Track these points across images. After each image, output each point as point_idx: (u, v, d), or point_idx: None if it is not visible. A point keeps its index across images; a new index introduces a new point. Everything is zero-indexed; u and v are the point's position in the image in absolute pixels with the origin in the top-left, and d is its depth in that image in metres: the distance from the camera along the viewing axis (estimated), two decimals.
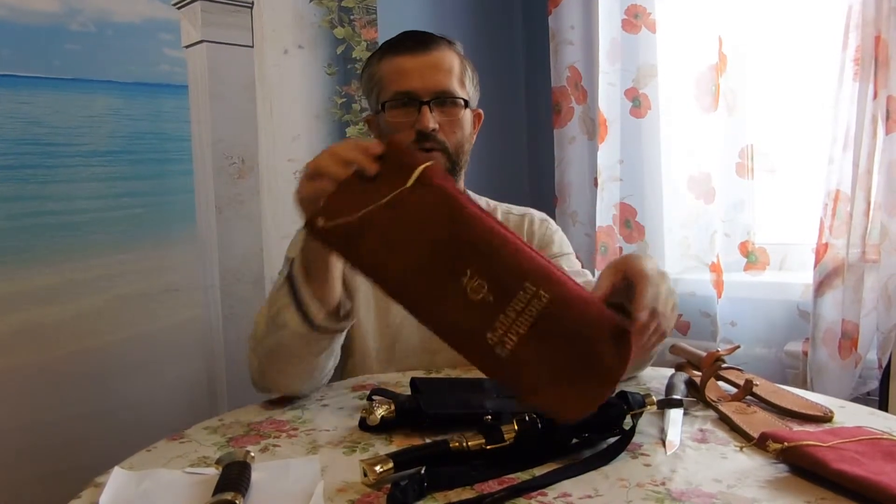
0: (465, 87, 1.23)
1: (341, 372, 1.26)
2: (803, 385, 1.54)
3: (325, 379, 1.08)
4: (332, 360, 1.06)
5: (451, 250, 0.77)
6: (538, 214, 1.36)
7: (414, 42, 1.21)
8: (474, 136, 1.28)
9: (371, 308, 1.24)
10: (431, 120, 1.17)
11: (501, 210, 1.35)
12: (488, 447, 0.76)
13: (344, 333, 1.04)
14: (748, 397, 0.94)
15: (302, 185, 0.89)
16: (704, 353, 1.03)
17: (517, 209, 1.36)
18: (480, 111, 1.30)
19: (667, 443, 0.81)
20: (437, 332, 0.78)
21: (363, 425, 0.88)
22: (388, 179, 0.79)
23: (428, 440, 0.82)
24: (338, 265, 0.98)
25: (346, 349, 1.24)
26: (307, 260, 0.97)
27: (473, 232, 0.77)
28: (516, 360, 0.75)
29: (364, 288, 1.22)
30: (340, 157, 0.84)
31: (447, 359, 1.23)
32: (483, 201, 1.36)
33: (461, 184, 1.28)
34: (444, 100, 1.19)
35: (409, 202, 0.78)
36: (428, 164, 0.80)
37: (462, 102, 1.21)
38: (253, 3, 1.67)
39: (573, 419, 0.78)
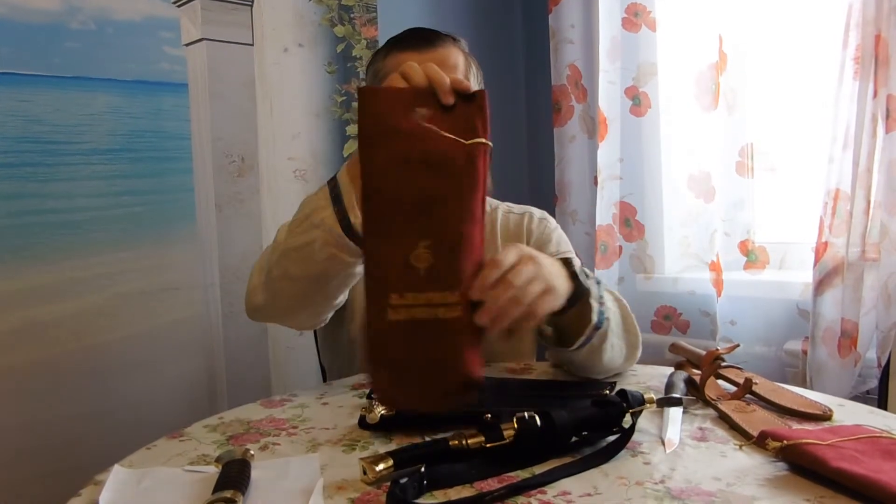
0: (470, 83, 1.22)
1: (344, 366, 1.26)
2: (803, 384, 1.54)
3: (328, 314, 1.07)
4: (340, 295, 1.03)
5: (435, 216, 0.77)
6: (538, 213, 1.36)
7: (419, 39, 1.22)
8: None
9: None
10: None
11: (502, 208, 1.36)
12: (488, 445, 0.76)
13: (357, 270, 0.98)
14: (747, 396, 0.94)
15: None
16: (704, 352, 1.03)
17: (518, 208, 1.37)
18: None
19: (666, 441, 0.81)
20: (367, 262, 0.77)
21: (363, 423, 0.88)
22: (449, 119, 0.79)
23: (427, 438, 0.82)
24: None
25: (340, 335, 1.24)
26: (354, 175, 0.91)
27: (462, 222, 0.78)
28: (390, 332, 0.75)
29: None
30: (430, 75, 0.83)
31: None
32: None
33: None
34: None
35: (443, 151, 0.77)
36: (488, 143, 0.80)
37: None
38: (253, 2, 1.67)
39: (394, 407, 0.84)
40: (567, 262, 0.95)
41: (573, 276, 0.93)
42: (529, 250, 0.86)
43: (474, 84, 1.24)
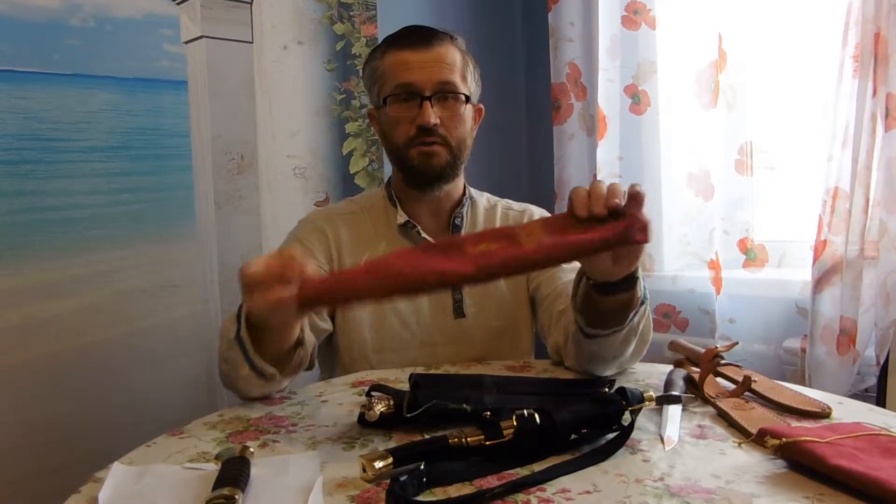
0: (467, 81, 1.23)
1: (336, 367, 1.26)
2: (802, 381, 1.54)
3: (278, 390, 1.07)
4: (286, 382, 1.04)
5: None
6: (538, 211, 1.36)
7: (417, 36, 1.21)
8: (475, 131, 1.28)
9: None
10: (433, 115, 1.17)
11: (501, 206, 1.36)
12: (487, 443, 0.76)
13: (300, 368, 1.03)
14: (746, 393, 0.94)
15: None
16: (703, 350, 1.04)
17: (517, 205, 1.37)
18: (481, 106, 1.30)
19: (665, 439, 0.82)
20: None
21: (362, 421, 0.88)
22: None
23: (427, 436, 0.82)
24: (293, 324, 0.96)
25: (340, 344, 1.24)
26: (258, 329, 0.94)
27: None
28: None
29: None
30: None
31: (447, 353, 1.23)
32: (484, 198, 1.36)
33: (461, 178, 1.29)
34: (446, 94, 1.19)
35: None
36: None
37: (463, 97, 1.21)
38: (252, 0, 1.68)
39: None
40: None
41: None
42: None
43: (471, 82, 1.25)
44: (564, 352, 1.12)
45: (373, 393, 0.91)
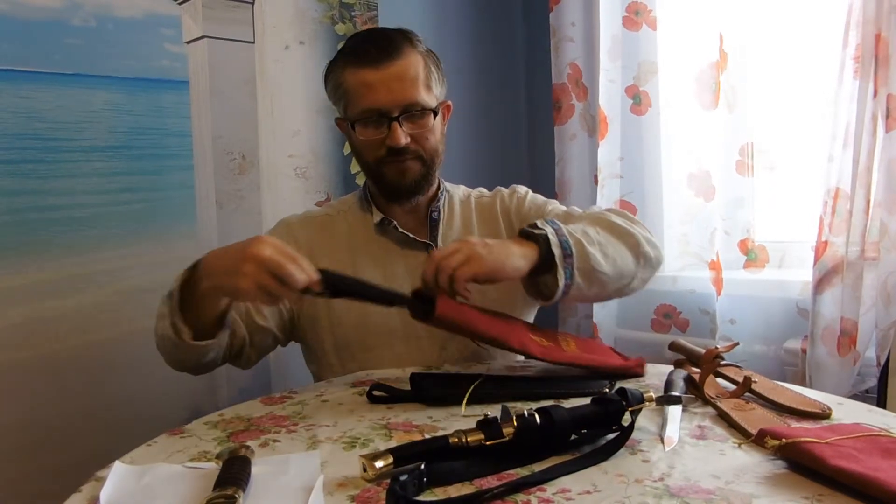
0: (432, 90, 1.22)
1: (325, 371, 1.27)
2: (802, 382, 1.54)
3: (202, 368, 1.15)
4: (208, 356, 1.11)
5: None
6: (505, 190, 1.39)
7: (377, 50, 1.18)
8: (445, 128, 1.29)
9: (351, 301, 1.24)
10: (403, 136, 1.18)
11: (474, 195, 1.39)
12: (487, 443, 0.76)
13: (219, 340, 1.09)
14: (747, 394, 0.94)
15: None
16: (703, 350, 1.04)
17: (488, 192, 1.40)
18: (449, 102, 1.30)
19: (665, 439, 0.82)
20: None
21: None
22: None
23: (427, 436, 0.83)
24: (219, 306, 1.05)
25: (325, 345, 1.25)
26: (197, 286, 1.02)
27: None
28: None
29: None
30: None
31: (433, 347, 1.24)
32: (460, 190, 1.39)
33: (436, 178, 1.30)
34: (413, 112, 1.19)
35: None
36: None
37: (431, 113, 1.21)
38: (254, 0, 1.67)
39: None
40: (531, 234, 1.09)
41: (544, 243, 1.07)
42: (470, 240, 1.07)
43: (437, 88, 1.24)
44: None
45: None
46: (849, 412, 0.90)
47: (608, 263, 1.11)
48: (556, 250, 1.06)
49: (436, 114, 1.22)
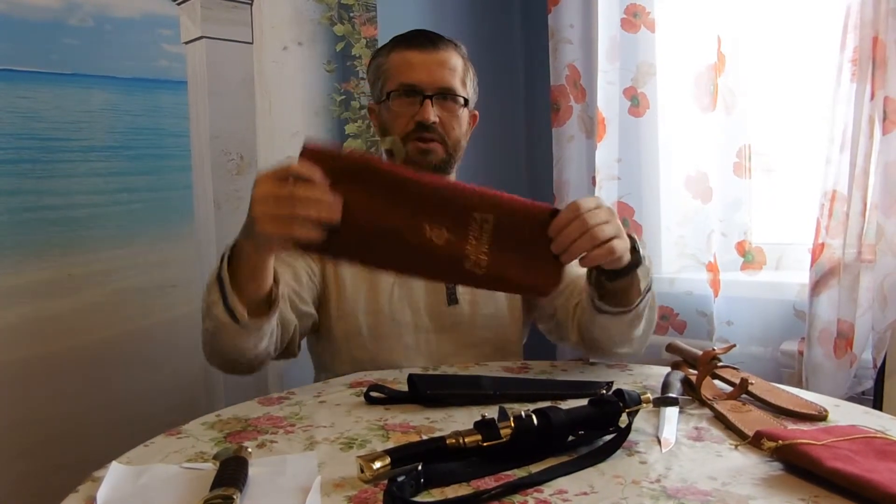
0: (467, 86, 1.29)
1: (334, 359, 1.27)
2: (799, 384, 1.54)
3: (259, 360, 1.11)
4: (263, 342, 1.07)
5: (406, 216, 0.91)
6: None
7: (424, 39, 1.27)
8: (469, 135, 1.33)
9: (361, 289, 1.25)
10: (433, 113, 1.23)
11: None
12: (485, 444, 0.76)
13: (274, 318, 1.06)
14: (743, 396, 0.94)
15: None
16: (700, 352, 1.04)
17: None
18: (476, 112, 1.35)
19: (662, 440, 0.82)
20: (426, 279, 1.00)
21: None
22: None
23: (424, 437, 0.83)
24: (269, 265, 1.02)
25: (335, 332, 1.25)
26: (239, 264, 1.01)
27: (416, 194, 0.92)
28: (494, 271, 0.94)
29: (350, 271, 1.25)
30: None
31: (441, 340, 1.26)
32: None
33: (454, 173, 1.32)
34: (446, 95, 1.25)
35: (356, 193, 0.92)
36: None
37: (462, 100, 1.27)
38: (252, 0, 1.67)
39: (550, 291, 1.00)
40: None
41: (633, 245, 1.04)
42: (606, 205, 0.99)
43: (470, 88, 1.30)
44: (580, 332, 1.19)
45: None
46: (845, 414, 0.91)
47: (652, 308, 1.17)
48: (644, 251, 1.07)
49: (466, 104, 1.28)
